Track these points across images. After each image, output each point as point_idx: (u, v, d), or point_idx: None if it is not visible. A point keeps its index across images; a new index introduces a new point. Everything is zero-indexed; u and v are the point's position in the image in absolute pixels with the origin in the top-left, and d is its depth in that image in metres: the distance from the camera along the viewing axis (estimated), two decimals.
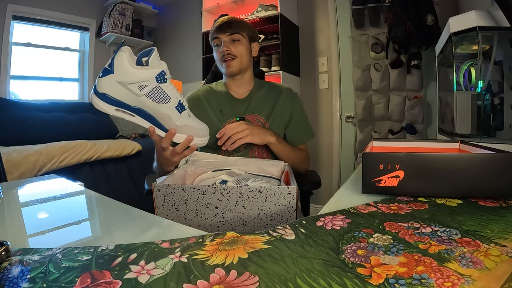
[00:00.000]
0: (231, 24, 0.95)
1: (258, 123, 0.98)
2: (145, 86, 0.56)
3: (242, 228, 0.58)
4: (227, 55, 0.94)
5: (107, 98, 0.57)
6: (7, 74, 2.43)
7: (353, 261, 0.30)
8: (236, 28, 0.95)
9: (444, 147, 0.77)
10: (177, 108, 0.60)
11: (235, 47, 0.95)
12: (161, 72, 0.56)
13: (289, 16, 2.15)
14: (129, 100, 0.58)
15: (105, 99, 0.57)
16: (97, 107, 0.57)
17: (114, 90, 0.56)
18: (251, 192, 0.56)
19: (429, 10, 1.66)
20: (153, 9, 3.21)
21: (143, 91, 0.56)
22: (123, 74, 0.55)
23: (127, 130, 2.88)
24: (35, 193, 0.74)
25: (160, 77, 0.56)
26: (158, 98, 0.58)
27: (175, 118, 0.61)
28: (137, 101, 0.58)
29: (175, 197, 0.58)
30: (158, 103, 0.58)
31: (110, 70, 0.55)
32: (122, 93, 0.56)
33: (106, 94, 0.56)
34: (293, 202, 0.56)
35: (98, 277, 0.29)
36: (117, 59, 0.55)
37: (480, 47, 0.96)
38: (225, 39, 0.94)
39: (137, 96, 0.57)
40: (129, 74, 0.55)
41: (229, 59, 0.95)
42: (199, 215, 0.58)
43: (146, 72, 0.56)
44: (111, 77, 0.55)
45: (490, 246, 0.32)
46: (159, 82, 0.57)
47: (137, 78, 0.55)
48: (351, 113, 2.15)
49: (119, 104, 0.58)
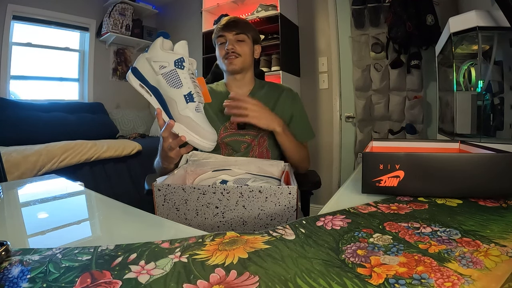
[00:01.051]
0: (237, 24, 0.97)
1: None
2: (164, 67, 0.62)
3: (242, 228, 0.58)
4: (232, 53, 0.95)
5: (137, 72, 0.65)
6: (7, 74, 2.43)
7: (353, 261, 0.30)
8: (242, 28, 0.97)
9: (444, 147, 0.77)
10: (186, 96, 0.62)
11: (240, 47, 0.96)
12: (181, 58, 0.62)
13: (289, 16, 2.15)
14: (149, 77, 0.64)
15: (135, 73, 0.65)
16: (127, 79, 0.66)
17: (142, 65, 0.64)
18: (252, 192, 0.56)
19: (429, 10, 1.66)
20: (153, 9, 3.21)
21: (161, 70, 0.62)
22: (152, 53, 0.63)
23: (127, 130, 2.88)
24: (35, 193, 0.74)
25: (178, 62, 0.62)
26: (171, 81, 0.62)
27: (180, 106, 0.62)
28: (155, 79, 0.63)
29: (176, 197, 0.58)
30: (170, 85, 0.62)
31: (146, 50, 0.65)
32: (146, 69, 0.64)
33: (137, 68, 0.65)
34: (294, 202, 0.56)
35: (98, 277, 0.29)
36: (154, 42, 0.64)
37: (480, 47, 0.96)
38: (230, 37, 0.96)
39: (156, 74, 0.63)
40: (155, 53, 0.63)
41: (232, 57, 0.95)
42: (199, 215, 0.58)
43: (168, 55, 0.62)
44: (144, 55, 0.65)
45: (490, 246, 0.32)
46: (176, 66, 0.62)
47: (160, 57, 0.62)
48: (351, 113, 2.15)
49: (142, 79, 0.64)
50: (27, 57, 2.62)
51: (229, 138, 0.96)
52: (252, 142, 0.97)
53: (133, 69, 0.66)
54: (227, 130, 0.96)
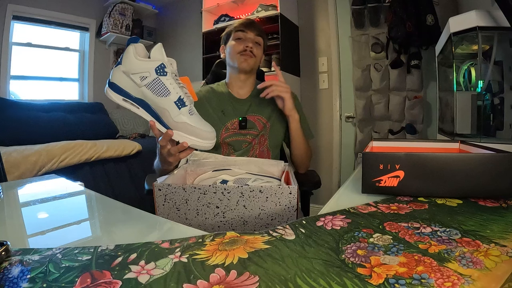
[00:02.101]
0: (259, 28, 1.00)
1: (260, 123, 0.99)
2: (146, 77, 0.58)
3: (243, 228, 0.58)
4: (250, 51, 0.96)
5: (115, 87, 0.60)
6: (7, 74, 2.43)
7: (353, 261, 0.30)
8: (262, 33, 1.01)
9: (444, 147, 0.77)
10: (177, 103, 0.60)
11: (256, 49, 0.98)
12: (161, 64, 0.58)
13: (289, 16, 2.15)
14: (132, 90, 0.60)
15: (114, 89, 0.61)
16: (108, 96, 0.61)
17: (120, 79, 0.60)
18: (252, 192, 0.56)
19: (429, 10, 1.66)
20: (153, 9, 3.21)
21: (143, 81, 0.58)
22: (127, 64, 0.59)
23: (127, 130, 2.88)
24: (35, 193, 0.73)
25: (159, 69, 0.58)
26: (158, 91, 0.59)
27: (173, 113, 0.60)
28: (139, 91, 0.60)
29: (176, 196, 0.58)
30: (157, 95, 0.59)
31: (119, 61, 0.60)
32: (126, 83, 0.60)
33: (115, 83, 0.60)
34: (294, 202, 0.56)
35: (98, 277, 0.29)
36: (125, 52, 0.59)
37: (480, 47, 0.96)
38: (251, 37, 0.98)
39: (138, 86, 0.59)
40: (132, 64, 0.58)
41: (248, 55, 0.96)
42: (200, 215, 0.58)
43: (146, 64, 0.58)
44: (119, 68, 0.60)
45: (490, 246, 0.32)
46: (158, 74, 0.58)
47: (138, 68, 0.58)
48: (351, 113, 2.15)
49: (124, 94, 0.60)
50: (27, 57, 2.62)
51: (230, 138, 0.96)
52: (253, 141, 0.97)
53: (110, 84, 0.61)
54: (229, 130, 0.97)
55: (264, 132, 0.98)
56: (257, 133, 0.97)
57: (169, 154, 0.66)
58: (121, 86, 0.60)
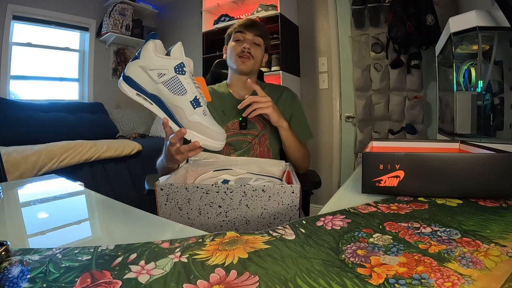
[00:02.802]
0: (260, 28, 0.98)
1: (260, 123, 0.99)
2: (164, 74, 0.58)
3: (245, 227, 0.58)
4: (248, 53, 0.95)
5: (130, 81, 0.60)
6: (7, 74, 2.43)
7: (353, 261, 0.30)
8: (262, 33, 0.98)
9: (444, 147, 0.77)
10: (192, 103, 0.60)
11: (255, 50, 0.97)
12: (180, 63, 0.58)
13: (289, 16, 2.15)
14: (148, 86, 0.60)
15: (129, 82, 0.60)
16: (121, 89, 0.61)
17: (136, 74, 0.59)
18: (255, 191, 0.56)
19: (429, 10, 1.66)
20: (153, 9, 3.21)
21: (161, 78, 0.58)
22: (145, 60, 0.59)
23: (127, 130, 2.88)
24: (35, 193, 0.73)
25: (178, 68, 0.58)
26: (174, 89, 0.59)
27: (188, 112, 0.60)
28: (155, 88, 0.60)
29: (178, 196, 0.58)
30: (174, 93, 0.59)
31: (137, 56, 0.60)
32: (142, 78, 0.59)
33: (130, 77, 0.60)
34: (297, 201, 0.56)
35: (98, 277, 0.29)
36: (144, 47, 0.59)
37: (480, 47, 0.96)
38: (249, 38, 0.96)
39: (155, 82, 0.59)
40: (150, 60, 0.58)
41: (246, 57, 0.95)
42: (202, 214, 0.58)
43: (166, 61, 0.58)
44: (136, 62, 0.59)
45: (490, 246, 0.32)
46: (177, 72, 0.58)
47: (157, 65, 0.58)
48: (351, 113, 2.15)
49: (139, 89, 0.60)
50: (27, 57, 2.62)
51: (231, 138, 0.97)
52: (253, 141, 0.97)
53: (125, 78, 0.60)
54: (229, 130, 0.97)
55: (264, 132, 0.98)
56: (257, 133, 0.98)
57: (177, 152, 0.66)
58: (136, 81, 0.60)
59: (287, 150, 0.96)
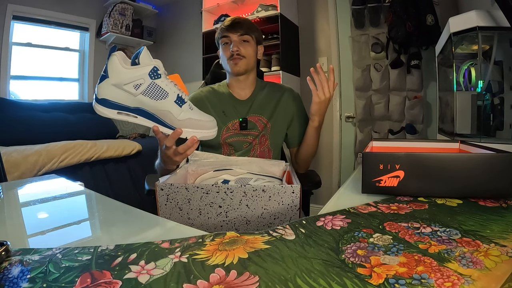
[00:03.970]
0: (242, 25, 0.95)
1: (261, 124, 0.98)
2: (140, 85, 0.56)
3: (246, 227, 0.58)
4: (237, 55, 0.94)
5: (107, 102, 0.57)
6: (7, 74, 2.43)
7: (353, 261, 0.30)
8: (246, 29, 0.96)
9: (444, 147, 0.77)
10: (177, 102, 0.59)
11: (244, 48, 0.95)
12: (153, 68, 0.56)
13: (289, 16, 2.15)
14: (128, 101, 0.58)
15: (106, 104, 0.58)
16: (99, 114, 0.58)
17: (112, 93, 0.57)
18: (255, 191, 0.56)
19: (429, 10, 1.66)
20: (153, 9, 3.21)
21: (139, 89, 0.56)
22: (117, 76, 0.56)
23: (127, 130, 2.88)
24: (35, 193, 0.73)
25: (153, 73, 0.56)
26: (155, 95, 0.57)
27: (176, 112, 0.59)
28: (135, 100, 0.57)
29: (178, 196, 0.58)
30: (156, 99, 0.57)
31: (105, 75, 0.56)
32: (120, 95, 0.57)
33: (106, 98, 0.57)
34: (297, 201, 0.56)
35: (98, 277, 0.29)
36: (110, 63, 0.56)
37: (480, 47, 0.96)
38: (235, 38, 0.95)
39: (134, 95, 0.57)
40: (122, 75, 0.56)
41: (237, 58, 0.95)
42: (202, 214, 0.58)
43: (138, 71, 0.56)
44: (107, 82, 0.56)
45: (490, 246, 0.32)
46: (153, 78, 0.57)
47: (130, 78, 0.56)
48: (351, 113, 2.15)
49: (119, 107, 0.58)
50: (27, 57, 2.62)
51: (231, 138, 0.96)
52: (253, 142, 0.97)
53: (100, 100, 0.58)
54: (230, 131, 0.96)
55: (265, 132, 0.98)
56: (257, 134, 0.97)
57: (176, 153, 0.65)
58: (113, 100, 0.57)
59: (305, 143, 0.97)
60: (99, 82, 0.57)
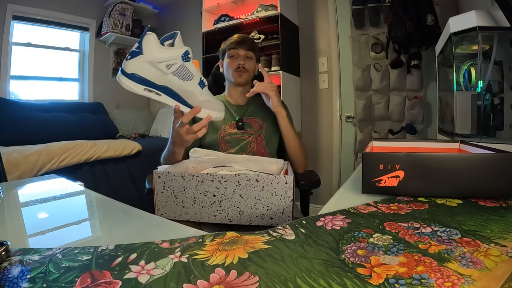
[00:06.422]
0: (249, 43, 1.08)
1: (256, 124, 1.05)
2: (172, 65, 0.60)
3: (239, 217, 0.58)
4: (242, 68, 1.05)
5: (136, 77, 0.60)
6: (7, 74, 2.43)
7: (353, 261, 0.30)
8: (252, 47, 1.08)
9: (444, 147, 0.77)
10: (200, 84, 0.65)
11: (248, 63, 1.06)
12: (186, 51, 0.62)
13: (289, 16, 2.15)
14: (156, 79, 0.61)
15: (134, 79, 0.60)
16: (126, 87, 0.60)
17: (143, 69, 0.60)
18: (249, 180, 0.57)
19: (429, 10, 1.66)
20: (153, 9, 3.21)
21: (170, 69, 0.60)
22: (152, 54, 0.59)
23: (127, 130, 2.88)
24: (35, 193, 0.73)
25: (185, 56, 0.62)
26: (183, 76, 0.62)
27: (198, 93, 0.65)
28: (164, 79, 0.61)
29: (175, 184, 0.60)
30: (183, 80, 0.62)
31: (139, 51, 0.59)
32: (151, 72, 0.60)
33: (135, 74, 0.60)
34: (290, 192, 0.56)
35: (98, 277, 0.29)
36: (145, 41, 0.59)
37: (480, 47, 0.96)
38: (242, 53, 1.06)
39: (164, 74, 0.60)
40: (157, 54, 0.59)
41: (241, 71, 1.05)
42: (196, 203, 0.59)
43: (173, 51, 0.61)
44: (140, 58, 0.59)
45: (490, 246, 0.32)
46: (184, 60, 0.61)
47: (165, 57, 0.59)
48: (351, 113, 2.15)
49: (147, 83, 0.61)
50: (27, 57, 2.62)
51: (228, 136, 1.03)
52: (250, 139, 1.03)
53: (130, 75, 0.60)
54: (227, 130, 1.03)
55: (260, 132, 1.04)
56: (253, 133, 1.03)
57: (188, 132, 0.70)
58: (144, 76, 0.60)
59: (285, 140, 1.02)
60: (130, 57, 0.60)
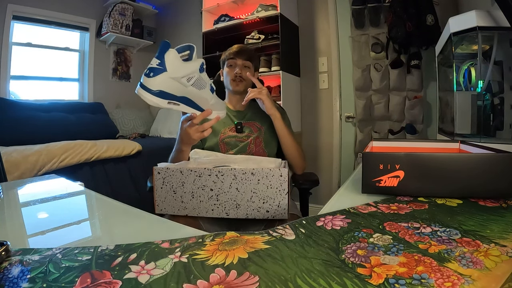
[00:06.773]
0: (247, 53, 1.12)
1: (255, 128, 1.08)
2: (192, 77, 0.64)
3: (236, 211, 0.60)
4: (239, 77, 1.09)
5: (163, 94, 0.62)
6: (7, 74, 2.43)
7: (353, 261, 0.30)
8: (249, 57, 1.11)
9: (444, 147, 0.77)
10: (211, 90, 0.70)
11: (245, 72, 1.10)
12: (202, 63, 0.66)
13: (289, 16, 2.15)
14: (177, 91, 0.64)
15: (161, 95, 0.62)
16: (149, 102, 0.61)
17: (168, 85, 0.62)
18: (244, 174, 0.59)
19: (429, 10, 1.66)
20: (153, 9, 3.21)
21: (190, 81, 0.64)
22: (176, 71, 0.61)
23: (127, 130, 2.88)
24: (35, 193, 0.73)
25: (201, 67, 0.65)
26: (200, 85, 0.66)
27: (210, 99, 0.69)
28: (184, 91, 0.64)
29: (174, 179, 0.61)
30: (200, 89, 0.66)
31: (162, 68, 0.60)
32: (174, 87, 0.63)
33: (163, 90, 0.61)
34: (285, 185, 0.58)
35: (98, 277, 0.29)
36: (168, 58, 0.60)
37: (480, 47, 0.96)
38: (239, 63, 1.09)
39: (185, 87, 0.64)
40: (181, 70, 0.62)
41: (239, 80, 1.09)
42: (195, 198, 0.61)
43: (193, 66, 0.64)
44: (164, 75, 0.60)
45: (490, 246, 0.32)
46: (200, 72, 0.65)
47: (187, 72, 0.62)
48: (351, 113, 2.15)
49: (169, 96, 0.63)
50: (27, 57, 2.62)
51: (227, 138, 1.04)
52: (249, 140, 1.04)
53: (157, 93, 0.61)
54: (227, 133, 1.06)
55: (259, 134, 1.07)
56: (252, 135, 1.05)
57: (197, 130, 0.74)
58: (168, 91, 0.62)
59: (281, 141, 1.04)
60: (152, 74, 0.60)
